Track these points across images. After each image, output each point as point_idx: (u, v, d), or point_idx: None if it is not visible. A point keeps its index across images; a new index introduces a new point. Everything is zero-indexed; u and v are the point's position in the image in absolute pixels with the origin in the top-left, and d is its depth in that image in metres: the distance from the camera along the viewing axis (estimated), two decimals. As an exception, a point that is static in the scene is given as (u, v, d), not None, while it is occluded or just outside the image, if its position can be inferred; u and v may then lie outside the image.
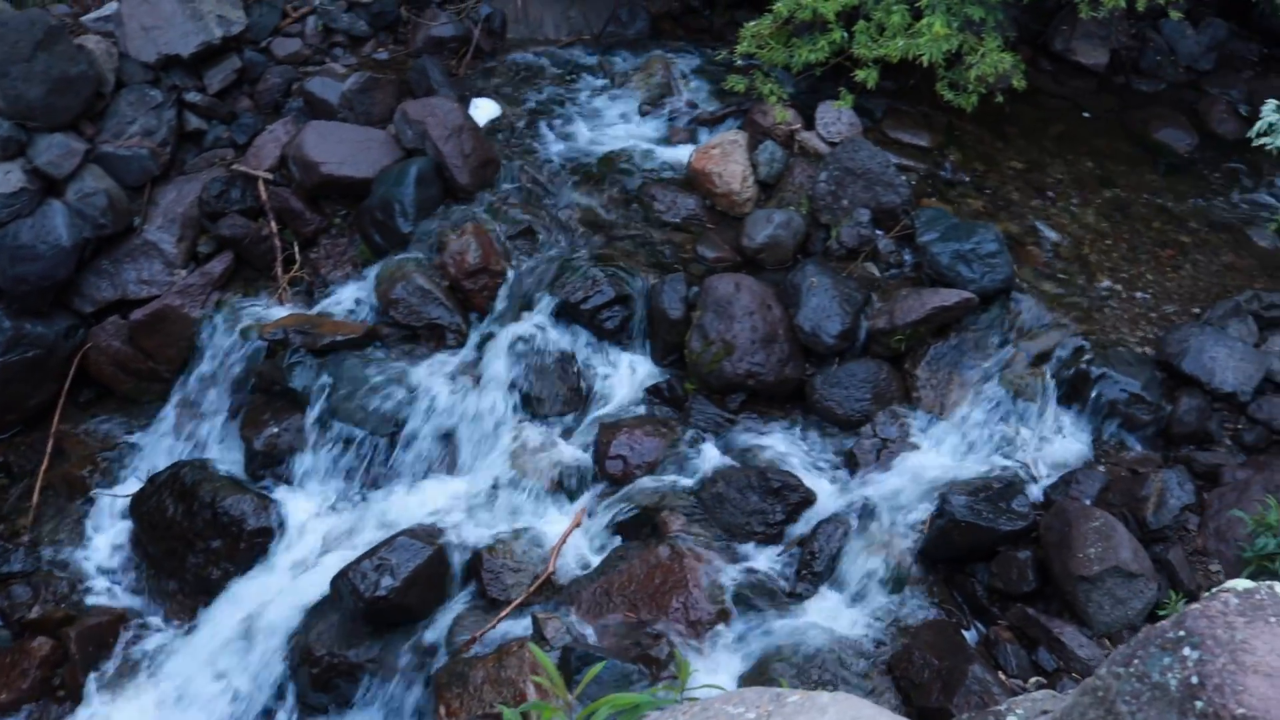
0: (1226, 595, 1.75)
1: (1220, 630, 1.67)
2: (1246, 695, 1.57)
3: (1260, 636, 1.64)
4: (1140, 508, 5.20)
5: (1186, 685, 1.63)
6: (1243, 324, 6.00)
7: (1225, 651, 1.63)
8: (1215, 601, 1.74)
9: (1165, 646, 1.69)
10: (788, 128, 6.86)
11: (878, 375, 5.86)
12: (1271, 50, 8.18)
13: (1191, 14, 8.14)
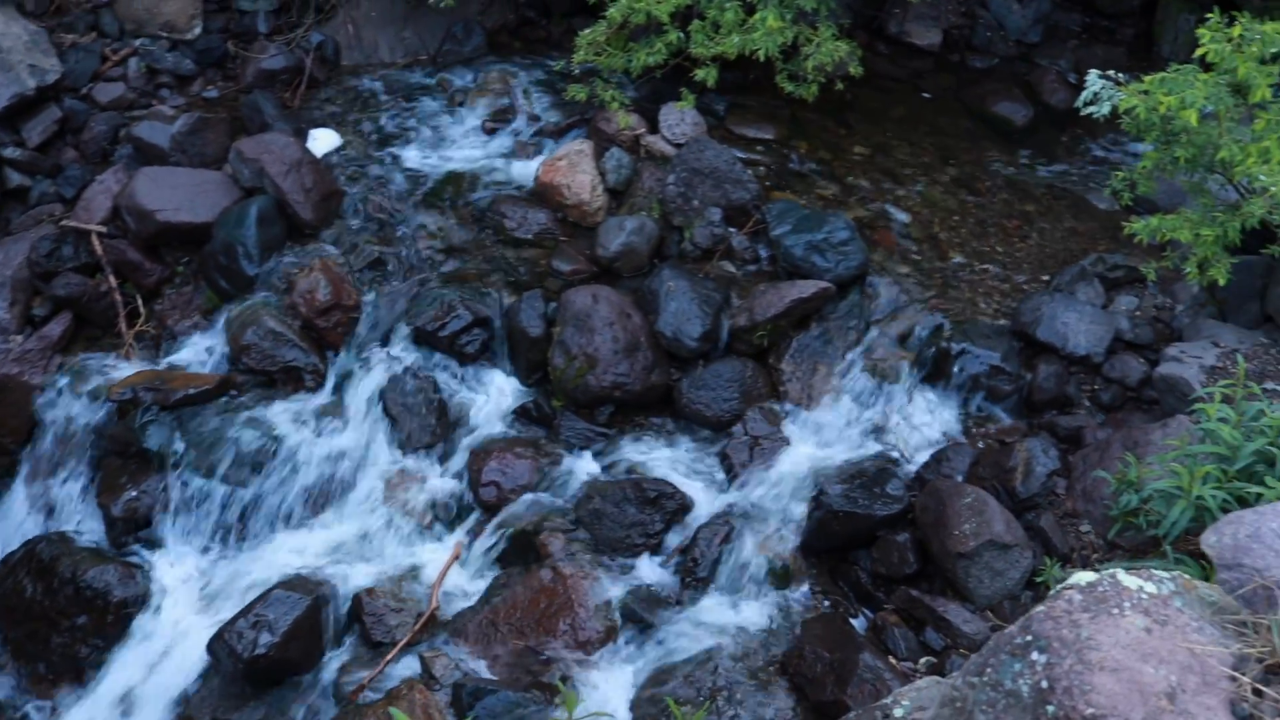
0: (1070, 592, 1.74)
1: (1066, 630, 1.65)
2: (1095, 694, 1.56)
3: (1105, 631, 1.63)
4: (1009, 479, 5.28)
5: (1037, 690, 1.62)
6: (1090, 287, 6.14)
7: (1072, 652, 1.62)
8: (1059, 601, 1.73)
9: (1015, 653, 1.68)
10: (632, 133, 6.82)
11: (743, 373, 5.85)
12: (1093, 20, 8.42)
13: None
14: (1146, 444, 5.21)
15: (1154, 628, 1.74)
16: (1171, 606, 1.83)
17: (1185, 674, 1.67)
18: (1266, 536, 1.92)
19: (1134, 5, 8.43)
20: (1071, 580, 1.83)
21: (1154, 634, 1.72)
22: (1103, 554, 5.20)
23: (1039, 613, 1.72)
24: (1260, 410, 4.39)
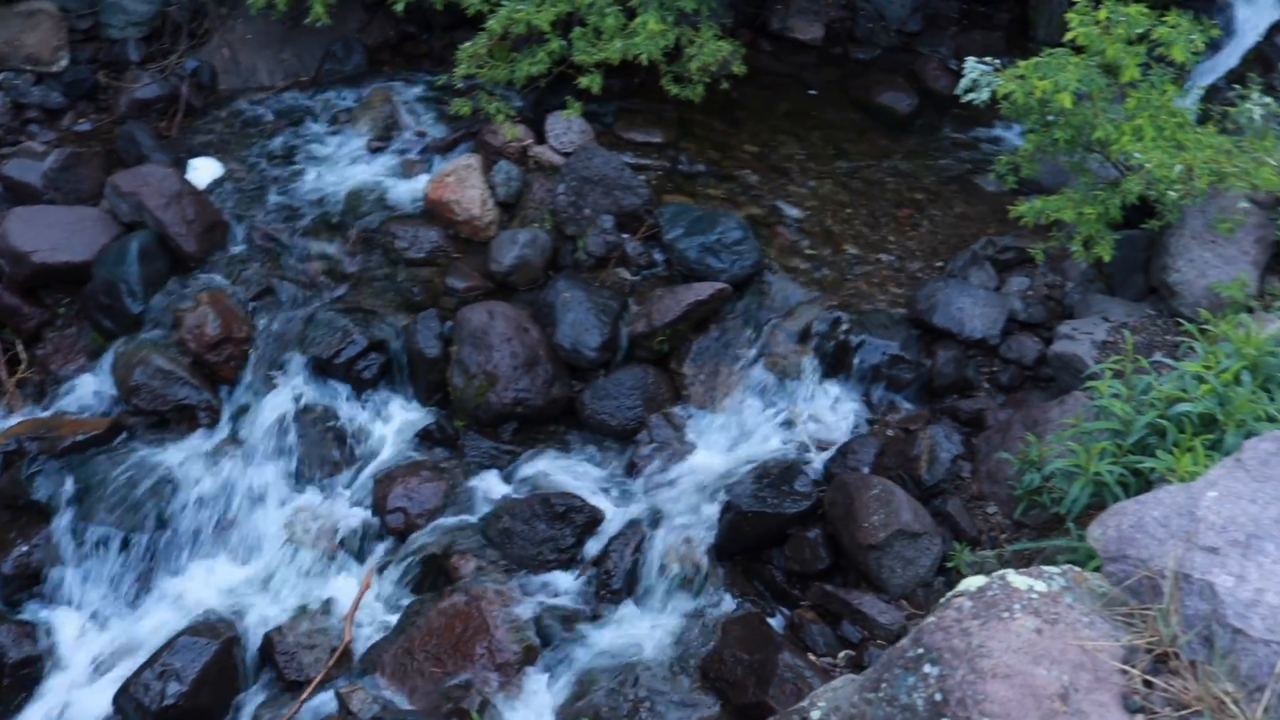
0: (960, 600, 1.73)
1: (957, 640, 1.64)
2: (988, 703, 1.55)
3: (996, 637, 1.62)
4: (914, 467, 5.32)
5: (932, 703, 1.60)
6: (982, 270, 6.21)
7: (964, 662, 1.61)
8: (949, 610, 1.72)
9: (908, 666, 1.66)
10: (520, 144, 6.76)
11: (645, 380, 5.82)
12: (970, 6, 8.54)
13: (893, -22, 8.42)
14: (1045, 422, 5.28)
15: (1045, 628, 1.74)
16: (1062, 604, 1.83)
17: (1077, 672, 1.67)
18: (1149, 526, 1.93)
19: (1009, -11, 8.56)
20: (961, 587, 1.83)
21: (1045, 634, 1.71)
22: (1010, 534, 5.26)
23: (929, 624, 1.71)
24: (1149, 384, 4.47)
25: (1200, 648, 1.75)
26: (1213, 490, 1.96)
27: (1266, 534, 1.85)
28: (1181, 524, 1.90)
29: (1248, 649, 1.71)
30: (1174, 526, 1.89)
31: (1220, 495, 1.93)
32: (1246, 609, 1.75)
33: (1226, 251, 5.69)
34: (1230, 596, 1.77)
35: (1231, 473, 1.98)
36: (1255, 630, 1.73)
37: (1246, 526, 1.86)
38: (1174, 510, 1.94)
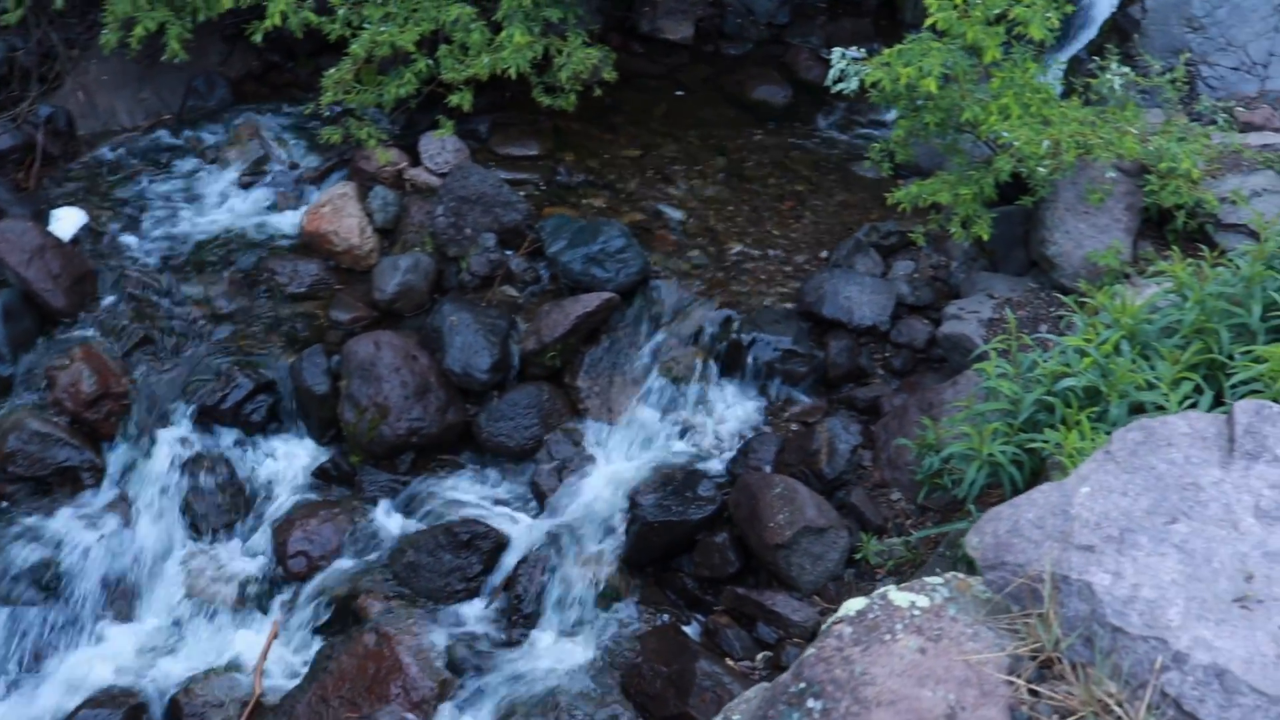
0: (840, 627, 1.70)
1: (839, 670, 1.61)
2: (874, 734, 1.52)
3: (878, 662, 1.59)
4: (815, 461, 5.32)
5: (817, 739, 1.57)
6: (867, 257, 6.24)
7: (846, 693, 1.57)
8: (830, 639, 1.68)
9: (791, 702, 1.62)
10: (394, 168, 6.63)
11: (540, 398, 5.75)
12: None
13: (758, -29, 8.44)
14: (940, 404, 5.32)
15: (929, 646, 1.71)
16: (945, 618, 1.81)
17: (964, 689, 1.65)
18: (1025, 529, 1.92)
19: (873, -25, 8.63)
20: (841, 612, 1.80)
21: (929, 653, 1.69)
22: (915, 519, 5.29)
23: (810, 656, 1.67)
24: (1034, 361, 4.51)
25: (1083, 650, 1.74)
26: (1085, 486, 1.95)
27: (1139, 527, 1.85)
28: (1057, 524, 1.89)
29: (1128, 647, 1.70)
30: (1049, 527, 1.89)
31: (1093, 490, 1.93)
32: (1124, 606, 1.75)
33: (1100, 221, 5.79)
34: (1108, 595, 1.76)
35: (1103, 466, 1.98)
36: (1134, 627, 1.72)
37: (1120, 521, 1.86)
38: (1049, 511, 1.93)
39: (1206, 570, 1.79)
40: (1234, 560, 1.80)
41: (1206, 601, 1.74)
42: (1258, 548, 1.81)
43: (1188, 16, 7.08)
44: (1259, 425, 1.93)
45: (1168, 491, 1.88)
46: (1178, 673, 1.65)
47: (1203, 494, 1.87)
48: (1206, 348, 4.39)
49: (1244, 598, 1.75)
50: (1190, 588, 1.76)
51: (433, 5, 6.66)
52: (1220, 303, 4.44)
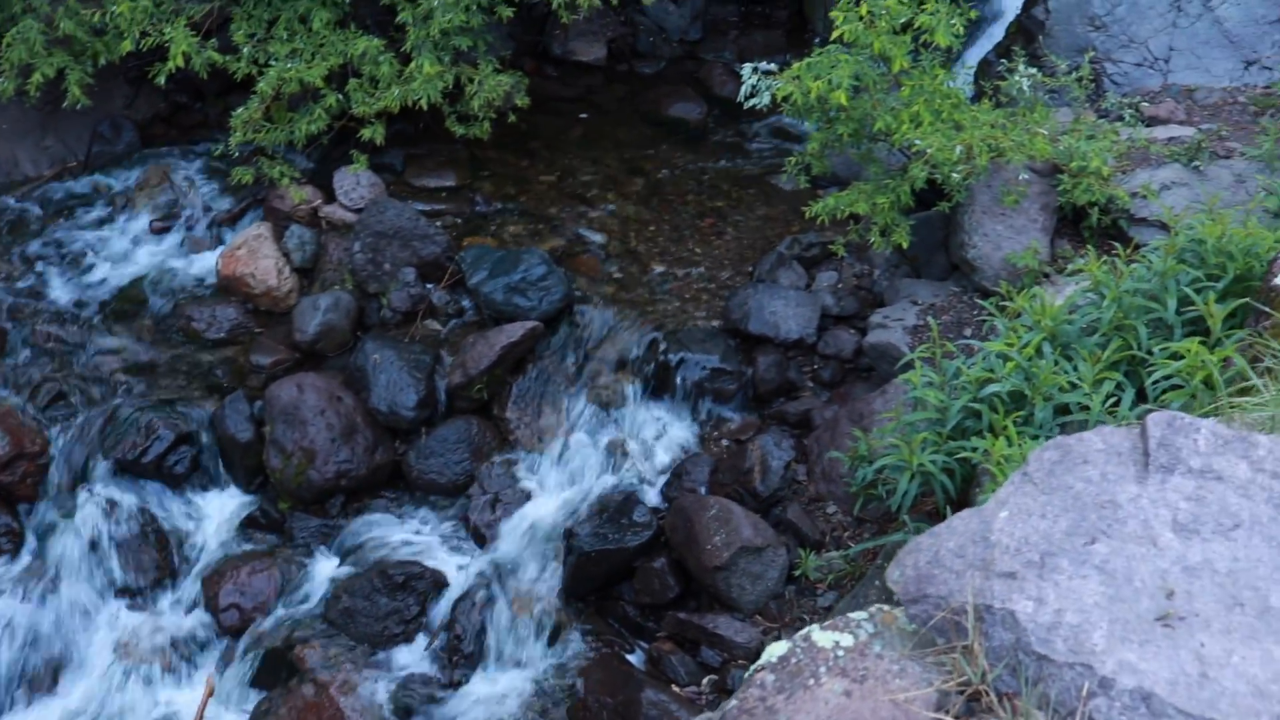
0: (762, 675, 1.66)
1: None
2: (800, 786, 1.48)
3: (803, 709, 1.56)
4: (749, 480, 5.30)
5: (743, 794, 1.52)
6: (790, 270, 6.25)
7: (770, 744, 1.53)
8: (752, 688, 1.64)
9: (716, 756, 1.58)
10: (309, 206, 6.53)
11: (469, 432, 5.67)
12: (748, 8, 8.63)
13: (668, -11, 8.46)
14: (870, 414, 5.32)
15: (854, 688, 1.68)
16: (870, 655, 1.78)
17: (891, 730, 1.61)
18: (946, 559, 1.89)
19: (782, -12, 8.68)
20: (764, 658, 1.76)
21: (855, 695, 1.65)
22: (853, 531, 5.28)
23: (732, 708, 1.63)
24: (958, 368, 4.52)
25: (1010, 680, 1.72)
26: (1004, 510, 1.93)
27: (1060, 550, 1.83)
28: (977, 552, 1.87)
29: (1054, 674, 1.68)
30: (970, 556, 1.86)
31: (1011, 514, 1.91)
32: (1048, 633, 1.73)
33: (1016, 222, 5.83)
34: (1031, 622, 1.74)
35: (1020, 488, 1.97)
36: (1059, 654, 1.70)
37: (1040, 545, 1.84)
38: (969, 538, 1.91)
39: (1128, 590, 1.77)
40: (1154, 578, 1.79)
41: (1130, 623, 1.72)
42: (1177, 563, 1.80)
43: (1090, 16, 7.18)
44: (1172, 437, 1.93)
45: (1086, 511, 1.86)
46: (1105, 699, 1.64)
47: (1121, 511, 1.86)
48: (1126, 345, 4.43)
49: (1166, 616, 1.74)
50: (1113, 609, 1.74)
51: (340, 39, 6.58)
52: (1137, 299, 4.49)
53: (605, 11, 7.61)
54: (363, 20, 6.96)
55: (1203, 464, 1.89)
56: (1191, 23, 7.16)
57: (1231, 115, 6.70)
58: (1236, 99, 6.87)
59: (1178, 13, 7.18)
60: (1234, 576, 1.75)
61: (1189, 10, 7.15)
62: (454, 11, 6.43)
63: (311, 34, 6.60)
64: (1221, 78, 7.06)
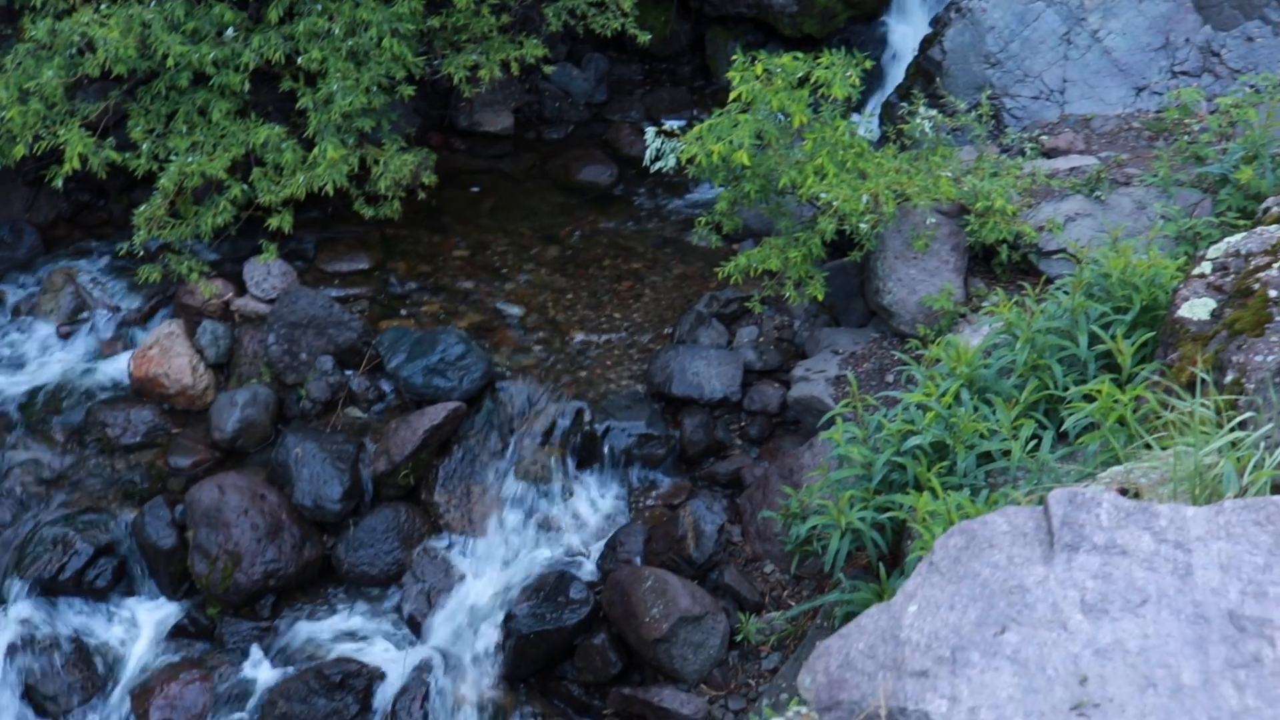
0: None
1: None
2: None
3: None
4: (683, 548, 5.25)
5: None
6: (710, 329, 6.24)
7: None
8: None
9: None
10: (221, 300, 6.43)
11: (398, 520, 5.58)
12: (651, 66, 8.68)
13: (573, 55, 8.48)
14: (800, 469, 5.31)
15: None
16: (790, 770, 1.74)
17: None
18: (857, 661, 1.86)
19: (684, 44, 8.74)
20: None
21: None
22: (792, 590, 5.26)
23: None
24: (879, 422, 4.53)
25: (928, 784, 1.69)
26: (912, 604, 1.91)
27: (970, 642, 1.81)
28: (888, 651, 1.84)
29: (973, 776, 1.65)
30: (881, 656, 1.84)
31: (920, 608, 1.89)
32: (964, 732, 1.70)
33: (929, 264, 5.88)
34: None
35: (928, 579, 1.94)
36: (976, 754, 1.67)
37: (950, 639, 1.82)
38: (879, 637, 1.88)
39: (1041, 679, 1.75)
40: (1067, 664, 1.77)
41: (1045, 715, 1.70)
42: (1088, 646, 1.79)
43: (985, 53, 7.31)
44: (1074, 515, 1.92)
45: (995, 599, 1.84)
46: (1025, 797, 1.61)
47: (1029, 595, 1.85)
48: (1043, 384, 4.47)
49: (1080, 704, 1.72)
50: (1028, 702, 1.72)
51: (240, 129, 6.51)
52: (1050, 338, 4.54)
53: (510, 80, 7.61)
54: (263, 108, 6.90)
55: (1106, 539, 1.88)
56: (1082, 54, 7.31)
57: (1128, 141, 6.84)
58: (1131, 125, 7.01)
59: (1068, 45, 7.33)
60: (1145, 655, 1.74)
61: (1078, 42, 7.30)
62: (354, 94, 6.39)
63: (211, 125, 6.53)
64: (1115, 105, 7.21)
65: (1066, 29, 7.32)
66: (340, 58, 6.48)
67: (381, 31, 6.49)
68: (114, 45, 6.07)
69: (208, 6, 6.44)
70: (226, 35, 6.46)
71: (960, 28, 7.37)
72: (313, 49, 6.43)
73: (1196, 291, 4.23)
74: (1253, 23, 7.06)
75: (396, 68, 6.59)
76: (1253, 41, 7.03)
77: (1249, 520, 1.86)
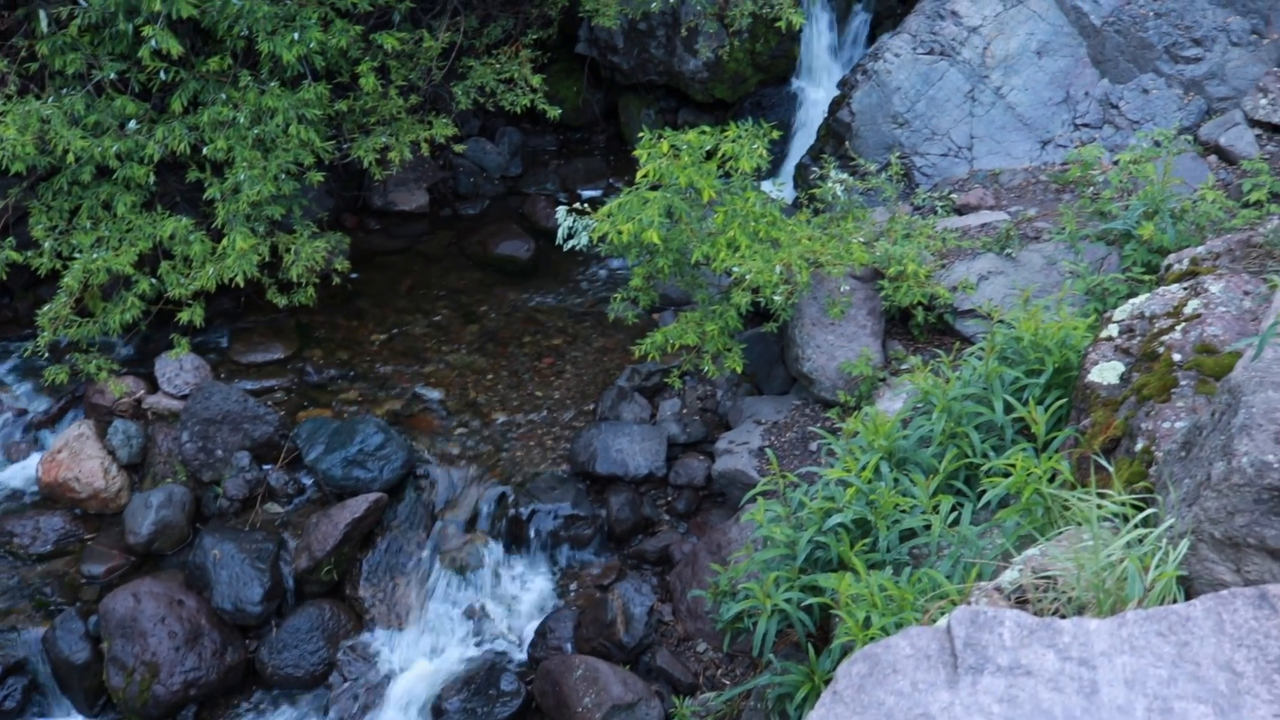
0: None
1: None
2: None
3: None
4: (613, 632, 5.17)
5: None
6: (633, 404, 6.20)
7: None
8: None
9: None
10: (132, 398, 6.28)
11: (323, 618, 5.44)
12: (565, 136, 8.70)
13: (486, 129, 8.47)
14: (728, 544, 5.27)
15: None
16: None
17: None
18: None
19: (597, 113, 8.77)
20: None
21: None
22: (725, 668, 5.19)
23: None
24: (801, 500, 4.50)
25: None
26: (817, 738, 1.87)
27: (876, 779, 1.77)
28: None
29: None
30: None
31: (824, 746, 1.84)
32: None
33: (846, 330, 5.90)
34: None
35: (832, 710, 1.90)
36: None
37: (855, 777, 1.78)
38: (784, 777, 1.83)
39: (950, 813, 1.71)
40: (975, 795, 1.73)
41: None
42: (996, 774, 1.75)
43: (892, 114, 7.41)
44: (977, 635, 1.89)
45: (900, 727, 1.80)
46: None
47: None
48: (962, 452, 4.47)
49: (990, 841, 1.68)
50: (936, 841, 1.67)
51: (147, 222, 6.40)
52: (966, 404, 4.54)
53: (423, 159, 7.58)
54: (170, 199, 6.81)
55: (1010, 660, 1.86)
56: (986, 110, 7.43)
57: (1036, 195, 6.95)
58: (1039, 178, 7.13)
59: (973, 102, 7.46)
60: (1054, 780, 1.71)
61: (982, 99, 7.43)
62: (262, 183, 6.31)
63: (117, 220, 6.41)
64: (1022, 159, 7.33)
65: (970, 87, 7.44)
66: (247, 146, 6.41)
67: (288, 118, 6.43)
68: (11, 143, 5.95)
69: (109, 99, 6.34)
70: (129, 128, 6.36)
71: (867, 89, 7.46)
72: (218, 138, 6.35)
73: (1105, 355, 4.27)
74: (1146, 75, 7.23)
75: (305, 154, 6.53)
76: (1148, 93, 7.19)
77: (1152, 631, 1.85)
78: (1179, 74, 7.20)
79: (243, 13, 6.29)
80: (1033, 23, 7.46)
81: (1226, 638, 1.83)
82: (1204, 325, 4.09)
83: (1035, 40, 7.42)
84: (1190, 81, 7.17)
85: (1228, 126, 6.76)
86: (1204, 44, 7.18)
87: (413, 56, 7.15)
